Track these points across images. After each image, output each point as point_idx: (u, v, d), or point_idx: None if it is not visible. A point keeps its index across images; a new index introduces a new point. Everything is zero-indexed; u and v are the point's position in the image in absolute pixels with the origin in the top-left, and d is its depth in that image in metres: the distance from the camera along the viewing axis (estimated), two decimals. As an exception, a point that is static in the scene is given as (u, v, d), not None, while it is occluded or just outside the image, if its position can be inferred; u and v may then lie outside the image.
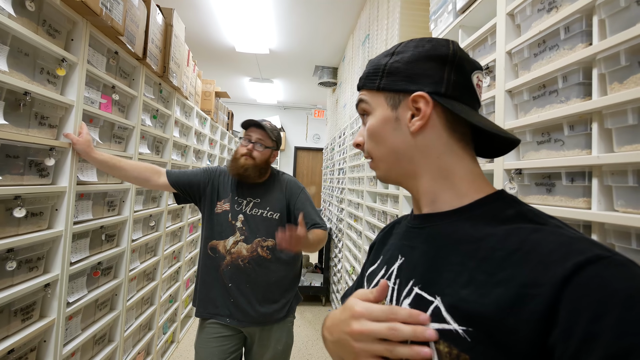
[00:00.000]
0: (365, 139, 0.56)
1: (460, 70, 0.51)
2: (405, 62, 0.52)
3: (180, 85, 2.38)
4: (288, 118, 7.65)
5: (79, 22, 1.29)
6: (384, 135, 0.53)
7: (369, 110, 0.55)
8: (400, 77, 0.51)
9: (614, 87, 0.66)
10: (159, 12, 1.95)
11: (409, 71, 0.51)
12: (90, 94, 1.43)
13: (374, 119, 0.54)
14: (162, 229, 2.33)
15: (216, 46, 4.16)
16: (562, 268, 0.35)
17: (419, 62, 0.51)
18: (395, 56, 0.53)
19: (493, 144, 0.55)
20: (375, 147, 0.54)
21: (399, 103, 0.52)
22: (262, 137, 1.47)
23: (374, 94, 0.54)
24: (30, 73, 1.13)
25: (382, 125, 0.53)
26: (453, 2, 1.25)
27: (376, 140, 0.54)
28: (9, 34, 1.02)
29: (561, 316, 0.33)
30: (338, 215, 3.82)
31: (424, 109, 0.49)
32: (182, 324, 2.94)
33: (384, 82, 0.52)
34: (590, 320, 0.31)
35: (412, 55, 0.52)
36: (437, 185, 0.51)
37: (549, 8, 0.82)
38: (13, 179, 1.09)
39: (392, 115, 0.52)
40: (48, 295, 1.24)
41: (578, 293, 0.33)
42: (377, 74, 0.54)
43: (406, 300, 0.47)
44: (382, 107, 0.53)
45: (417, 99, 0.49)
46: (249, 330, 1.47)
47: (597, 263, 0.34)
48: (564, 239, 0.38)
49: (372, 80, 0.54)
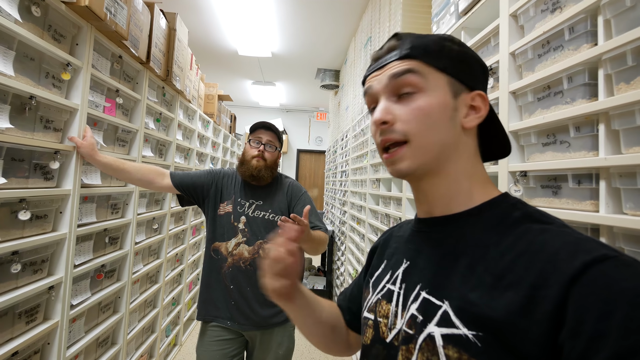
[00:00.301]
0: (407, 118, 0.47)
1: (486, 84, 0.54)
2: (468, 56, 0.51)
3: (183, 88, 2.39)
4: (290, 120, 7.66)
5: (83, 27, 1.30)
6: (440, 122, 0.47)
7: (421, 86, 0.47)
8: (468, 69, 0.50)
9: (620, 87, 0.65)
10: (163, 17, 1.96)
11: (472, 67, 0.51)
12: (94, 97, 1.44)
13: (431, 98, 0.47)
14: (165, 232, 2.33)
15: (219, 50, 4.18)
16: (570, 267, 0.35)
17: (475, 62, 0.51)
18: (457, 45, 0.50)
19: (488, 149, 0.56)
20: (424, 132, 0.46)
21: (460, 94, 0.49)
22: (272, 139, 1.50)
23: (433, 72, 0.48)
24: (36, 77, 1.14)
25: (442, 110, 0.47)
26: (455, 3, 1.24)
27: (430, 123, 0.46)
28: (15, 39, 1.03)
29: (569, 314, 0.33)
30: (341, 218, 3.81)
31: (484, 109, 0.49)
32: (185, 326, 2.94)
33: (452, 66, 0.48)
34: (597, 319, 0.31)
35: (470, 53, 0.51)
36: (457, 187, 0.49)
37: (552, 9, 0.82)
38: (18, 182, 1.09)
39: (452, 103, 0.48)
40: (52, 297, 1.25)
41: (585, 291, 0.33)
42: (440, 52, 0.48)
43: (414, 304, 0.47)
44: (443, 91, 0.47)
45: (477, 97, 0.49)
46: (250, 334, 1.47)
47: (604, 262, 0.34)
48: (571, 238, 0.38)
49: (435, 57, 0.48)
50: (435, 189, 0.50)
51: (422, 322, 0.44)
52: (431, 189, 0.50)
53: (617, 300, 0.31)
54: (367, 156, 2.65)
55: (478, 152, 0.52)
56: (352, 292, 0.71)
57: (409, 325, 0.46)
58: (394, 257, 0.57)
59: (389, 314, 0.51)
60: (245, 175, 1.47)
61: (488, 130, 0.54)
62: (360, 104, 2.94)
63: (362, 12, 3.11)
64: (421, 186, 0.51)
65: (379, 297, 0.54)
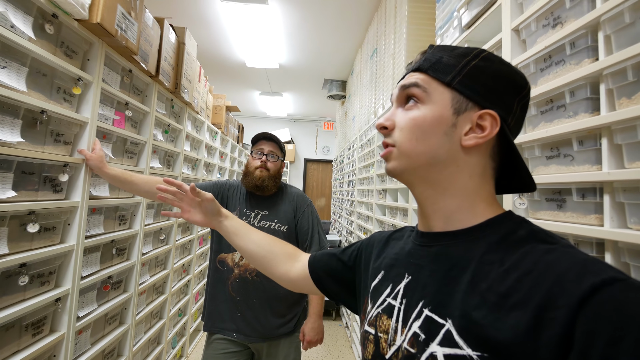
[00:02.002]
0: (402, 125, 0.50)
1: (524, 108, 0.50)
2: (489, 74, 0.48)
3: (191, 100, 2.43)
4: (298, 130, 7.71)
5: (95, 43, 1.34)
6: (431, 134, 0.48)
7: (422, 98, 0.49)
8: (479, 85, 0.48)
9: (622, 102, 0.65)
10: (172, 31, 2.01)
11: (490, 85, 0.48)
12: (104, 111, 1.48)
13: (427, 110, 0.48)
14: (172, 242, 2.35)
15: (227, 62, 4.25)
16: (578, 289, 0.34)
17: (501, 80, 0.48)
18: (479, 61, 0.48)
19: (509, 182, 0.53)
20: (412, 141, 0.48)
21: (464, 111, 0.48)
22: (274, 149, 1.52)
23: (438, 86, 0.49)
24: (48, 92, 1.17)
25: (435, 124, 0.47)
26: (459, 17, 1.25)
27: (419, 134, 0.48)
28: (29, 56, 1.07)
29: (577, 338, 0.33)
30: (348, 228, 3.79)
31: (489, 130, 0.46)
32: (191, 338, 2.93)
33: (460, 81, 0.48)
34: (607, 343, 0.31)
35: (497, 70, 0.48)
36: (456, 203, 0.49)
37: (553, 24, 0.82)
38: (28, 194, 1.12)
39: (451, 119, 0.47)
40: (59, 309, 1.26)
41: (595, 315, 0.33)
42: (454, 67, 0.48)
43: (416, 322, 0.46)
44: (443, 106, 0.48)
45: (486, 116, 0.47)
46: (257, 346, 1.46)
47: (613, 285, 0.33)
48: (577, 259, 0.38)
49: (445, 71, 0.48)
50: (432, 202, 0.50)
51: (425, 340, 0.43)
52: (427, 201, 0.51)
53: (628, 325, 0.31)
54: (373, 166, 2.65)
55: (488, 173, 0.49)
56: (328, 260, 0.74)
57: (410, 344, 0.45)
58: (393, 269, 0.56)
59: (389, 329, 0.50)
60: (249, 186, 1.48)
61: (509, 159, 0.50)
62: (367, 114, 2.96)
63: (368, 25, 3.15)
64: (417, 195, 0.52)
65: (379, 312, 0.54)
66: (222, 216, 0.85)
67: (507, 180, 0.53)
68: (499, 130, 0.47)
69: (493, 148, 0.49)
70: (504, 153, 0.50)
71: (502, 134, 0.48)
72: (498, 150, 0.50)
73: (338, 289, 0.71)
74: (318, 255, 0.76)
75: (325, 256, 0.75)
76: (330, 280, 0.72)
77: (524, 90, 0.49)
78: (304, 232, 1.50)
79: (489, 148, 0.49)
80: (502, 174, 0.52)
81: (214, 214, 0.84)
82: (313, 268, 0.74)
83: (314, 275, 0.73)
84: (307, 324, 1.46)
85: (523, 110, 0.50)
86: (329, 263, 0.73)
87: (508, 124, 0.48)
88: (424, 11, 1.89)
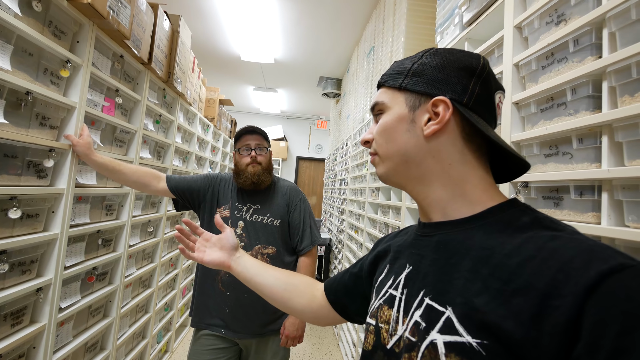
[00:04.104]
0: (375, 135, 0.55)
1: (485, 86, 0.50)
2: (433, 66, 0.51)
3: (184, 91, 2.39)
4: (291, 128, 7.68)
5: (85, 25, 1.29)
6: (395, 134, 0.52)
7: (384, 109, 0.54)
8: (426, 79, 0.51)
9: (624, 99, 0.64)
10: (166, 19, 1.97)
11: (435, 75, 0.50)
12: (93, 96, 1.43)
13: (388, 116, 0.53)
14: (161, 236, 2.30)
15: (222, 54, 4.20)
16: (584, 277, 0.33)
17: (447, 69, 0.50)
18: (424, 58, 0.52)
19: (505, 167, 0.54)
20: (384, 145, 0.53)
21: (419, 106, 0.51)
22: (260, 141, 1.50)
23: (394, 93, 0.53)
24: (34, 73, 1.13)
25: (396, 124, 0.52)
26: (460, 15, 1.25)
27: (386, 137, 0.53)
28: (14, 33, 1.02)
29: (585, 328, 0.31)
30: (338, 226, 3.78)
31: (442, 114, 0.48)
32: (177, 333, 2.89)
33: (408, 81, 0.52)
34: (618, 334, 0.30)
35: (441, 61, 0.51)
36: (447, 193, 0.49)
37: (557, 21, 0.81)
38: (10, 179, 1.07)
39: (408, 115, 0.51)
40: (40, 299, 1.21)
41: (603, 304, 0.31)
42: (402, 73, 0.53)
43: (417, 312, 0.45)
44: (400, 106, 0.52)
45: (438, 103, 0.49)
46: (245, 343, 1.43)
47: (622, 272, 0.32)
48: (584, 246, 0.36)
49: (396, 78, 0.53)
50: (424, 196, 0.52)
51: (425, 329, 0.43)
52: (420, 196, 0.52)
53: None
54: (366, 165, 2.64)
55: (469, 158, 0.49)
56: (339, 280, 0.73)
57: (411, 333, 0.45)
58: (397, 261, 0.56)
59: (390, 319, 0.50)
60: (245, 185, 1.44)
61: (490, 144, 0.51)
62: (362, 112, 2.95)
63: (365, 22, 3.13)
64: (411, 193, 0.54)
65: (381, 303, 0.53)
66: (239, 251, 0.81)
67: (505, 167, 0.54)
68: (456, 111, 0.48)
69: (464, 130, 0.49)
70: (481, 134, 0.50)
71: (464, 115, 0.48)
72: (471, 131, 0.49)
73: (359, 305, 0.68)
74: (331, 278, 0.76)
75: (338, 276, 0.74)
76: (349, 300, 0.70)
77: (478, 69, 0.50)
78: (295, 226, 1.48)
79: (457, 132, 0.49)
80: (498, 161, 0.53)
81: (233, 248, 0.80)
82: (329, 291, 0.72)
83: (331, 299, 0.71)
84: (289, 318, 1.43)
85: (484, 87, 0.50)
86: (342, 281, 0.72)
87: (465, 104, 0.49)
88: (423, 9, 1.89)
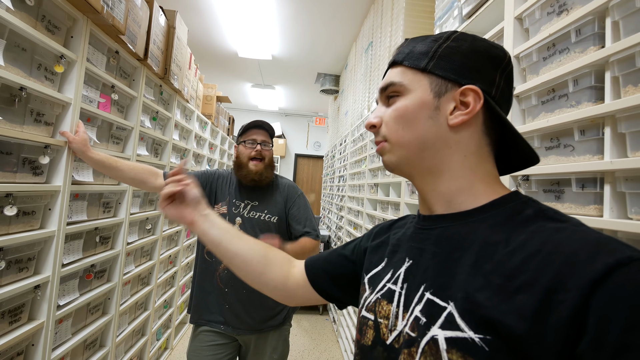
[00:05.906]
0: (387, 120, 0.50)
1: (508, 80, 0.49)
2: (462, 51, 0.48)
3: (181, 88, 2.37)
4: (289, 125, 7.65)
5: (79, 19, 1.27)
6: (416, 121, 0.48)
7: (401, 91, 0.50)
8: (454, 65, 0.47)
9: (628, 90, 0.63)
10: (162, 14, 1.95)
11: (465, 62, 0.47)
12: (88, 92, 1.41)
13: (408, 100, 0.49)
14: (159, 233, 2.29)
15: (219, 51, 4.16)
16: (590, 270, 0.32)
17: (477, 56, 0.47)
18: (451, 42, 0.48)
19: (511, 159, 0.52)
20: (399, 131, 0.49)
21: (445, 92, 0.47)
22: (266, 138, 1.49)
23: (415, 74, 0.49)
24: (27, 68, 1.11)
25: (417, 110, 0.48)
26: (459, 7, 1.23)
27: (404, 123, 0.48)
28: (7, 27, 1.00)
29: (590, 323, 0.30)
30: (337, 223, 3.78)
31: (473, 105, 0.46)
32: (177, 330, 2.88)
33: (435, 64, 0.48)
34: (624, 330, 0.29)
35: (470, 46, 0.48)
36: (455, 185, 0.48)
37: (559, 11, 0.80)
38: (5, 176, 1.06)
39: (432, 102, 0.47)
40: (38, 297, 1.20)
41: (609, 298, 0.30)
42: (426, 53, 0.49)
43: (417, 307, 0.44)
44: (423, 91, 0.48)
45: (468, 92, 0.46)
46: (244, 339, 1.43)
47: (629, 265, 0.31)
48: (590, 238, 0.35)
49: (420, 58, 0.49)
50: (431, 187, 0.50)
51: (426, 324, 0.42)
52: (427, 187, 0.50)
53: None
54: (365, 161, 2.63)
55: (484, 151, 0.48)
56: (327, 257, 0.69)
57: (411, 328, 0.44)
58: (395, 255, 0.54)
59: (389, 314, 0.49)
60: (247, 180, 1.43)
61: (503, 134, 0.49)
62: (360, 108, 2.93)
63: (363, 17, 3.11)
64: (418, 184, 0.51)
65: (379, 297, 0.52)
66: (206, 208, 0.72)
67: (508, 159, 0.52)
68: (483, 103, 0.46)
69: (484, 123, 0.48)
70: (497, 128, 0.49)
71: (489, 108, 0.47)
72: (490, 125, 0.48)
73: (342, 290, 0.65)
74: (314, 256, 0.71)
75: (324, 254, 0.69)
76: (330, 283, 0.65)
77: (504, 61, 0.49)
78: (295, 222, 1.47)
79: (479, 124, 0.48)
80: (502, 152, 0.51)
81: (196, 202, 0.71)
82: (311, 268, 0.67)
83: (312, 277, 0.66)
84: None
85: (508, 82, 0.49)
86: (329, 259, 0.67)
87: (493, 96, 0.47)
88: (422, 2, 1.87)
